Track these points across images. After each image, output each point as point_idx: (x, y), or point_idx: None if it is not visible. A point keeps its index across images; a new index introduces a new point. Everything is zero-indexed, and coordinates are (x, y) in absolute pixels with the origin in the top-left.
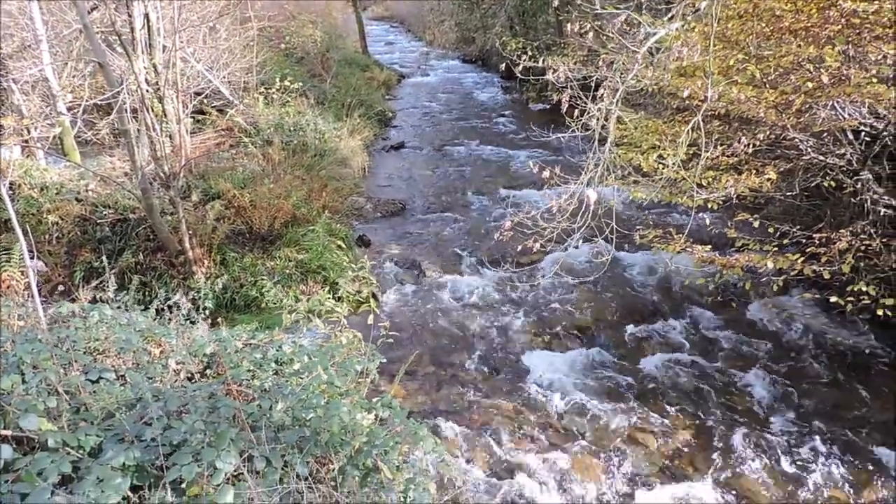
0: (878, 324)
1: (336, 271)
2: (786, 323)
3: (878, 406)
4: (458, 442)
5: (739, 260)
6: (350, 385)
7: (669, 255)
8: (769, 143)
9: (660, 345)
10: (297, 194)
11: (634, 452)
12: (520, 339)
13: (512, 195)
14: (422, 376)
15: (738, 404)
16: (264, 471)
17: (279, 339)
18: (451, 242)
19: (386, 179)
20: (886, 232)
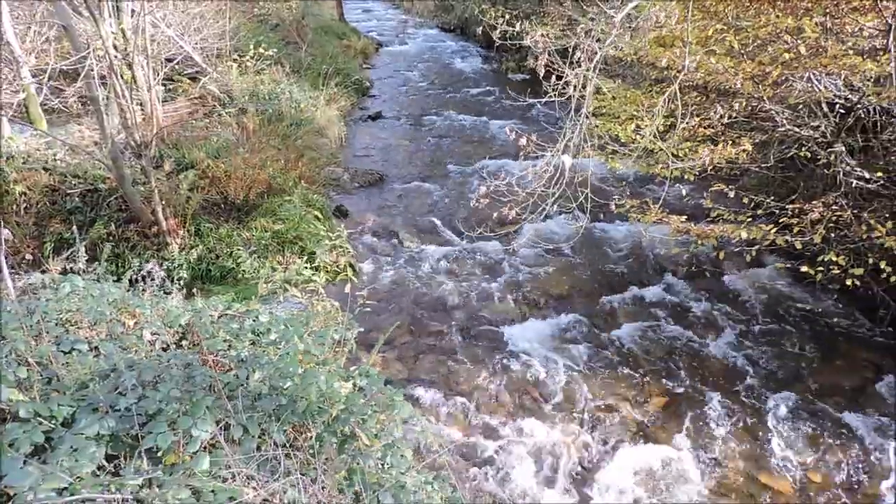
0: (847, 293)
1: (313, 242)
2: (758, 292)
3: (844, 373)
4: (435, 409)
5: (714, 230)
6: (328, 354)
7: (645, 225)
8: (745, 115)
9: (635, 313)
10: (272, 164)
11: (609, 418)
12: (497, 308)
13: (490, 165)
14: (400, 345)
15: (710, 371)
16: (241, 439)
17: (256, 309)
18: (429, 212)
19: (363, 149)
20: (857, 203)
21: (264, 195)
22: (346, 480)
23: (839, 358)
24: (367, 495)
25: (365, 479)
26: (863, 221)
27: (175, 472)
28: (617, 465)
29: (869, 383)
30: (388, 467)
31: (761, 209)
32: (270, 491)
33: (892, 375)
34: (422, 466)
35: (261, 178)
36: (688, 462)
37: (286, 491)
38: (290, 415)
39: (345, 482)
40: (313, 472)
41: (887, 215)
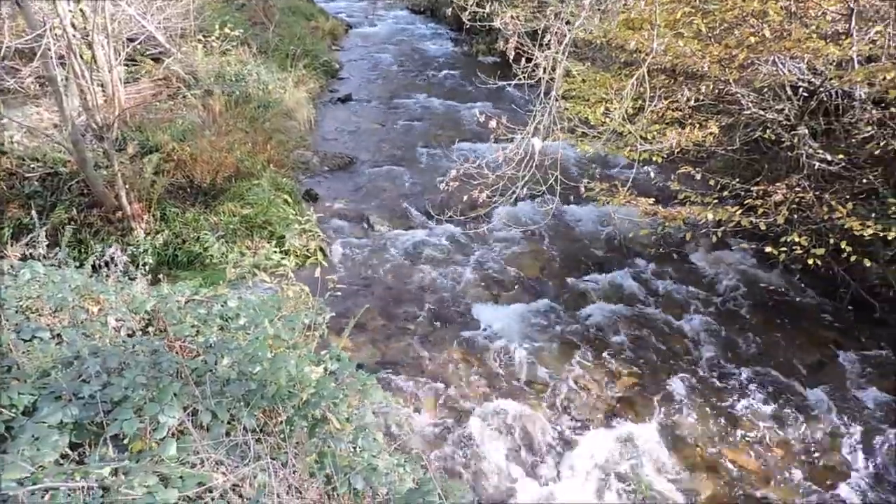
0: (809, 273)
1: (283, 226)
2: (723, 272)
3: (806, 350)
4: (407, 392)
5: (681, 212)
6: (298, 339)
7: (614, 207)
8: (712, 98)
9: (604, 294)
10: (240, 147)
11: (579, 397)
12: (468, 291)
13: (461, 148)
14: (371, 329)
15: (677, 350)
16: (210, 424)
17: (224, 294)
18: (400, 196)
19: (333, 133)
20: (819, 185)
21: (232, 179)
22: (317, 464)
23: (801, 336)
24: (338, 478)
25: (336, 462)
26: (824, 203)
27: (142, 459)
28: (587, 443)
29: (829, 360)
30: (359, 450)
31: (727, 191)
32: (240, 476)
33: (852, 352)
34: (393, 449)
35: (228, 161)
36: (655, 438)
37: (256, 476)
38: (259, 399)
39: (316, 466)
40: (284, 456)
41: (848, 197)
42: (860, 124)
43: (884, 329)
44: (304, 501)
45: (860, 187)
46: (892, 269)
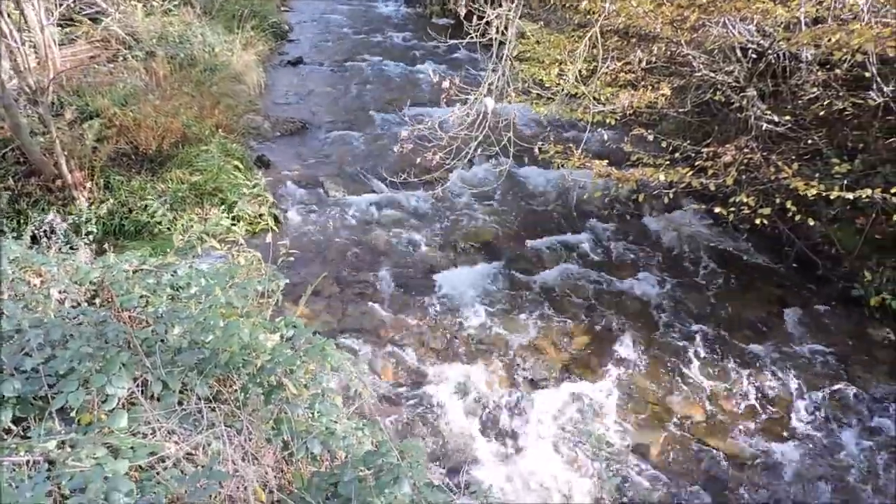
0: (756, 232)
1: (234, 193)
2: (675, 233)
3: (753, 307)
4: (366, 357)
5: (634, 174)
6: (252, 307)
7: (569, 170)
8: (664, 61)
9: (559, 256)
10: (186, 112)
11: (535, 358)
12: (426, 256)
13: (415, 111)
14: (328, 297)
15: (630, 309)
16: (161, 394)
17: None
18: (354, 161)
19: (284, 97)
20: (767, 146)
21: (179, 145)
22: (273, 430)
23: (749, 293)
24: (295, 443)
25: (293, 427)
26: (771, 163)
27: (90, 432)
28: (543, 401)
29: (775, 316)
30: (318, 415)
31: (678, 153)
32: (193, 444)
33: (797, 308)
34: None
35: (174, 126)
36: (607, 395)
37: (210, 443)
38: (212, 368)
39: (272, 432)
40: (239, 423)
41: (793, 157)
42: (806, 86)
43: (826, 286)
44: (260, 467)
45: (805, 148)
46: (834, 228)
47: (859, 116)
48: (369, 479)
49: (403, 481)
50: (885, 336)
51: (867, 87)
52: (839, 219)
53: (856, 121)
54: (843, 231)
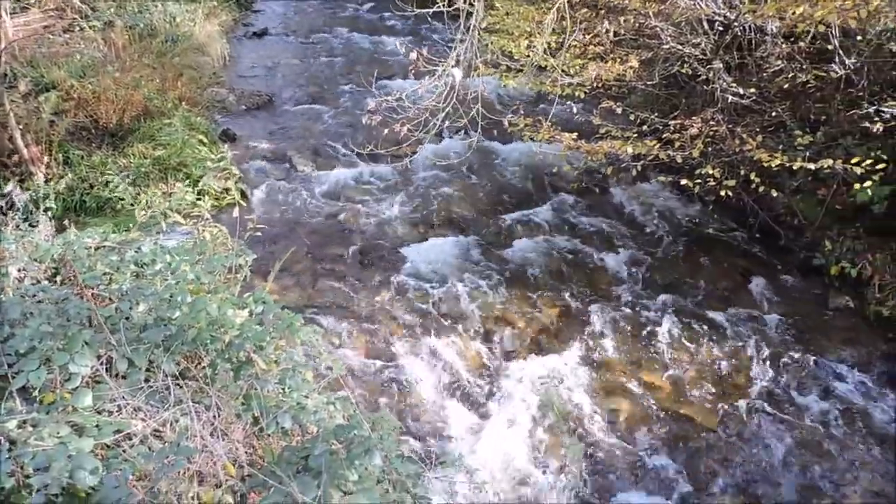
0: (721, 204)
1: (199, 168)
2: (642, 205)
3: (719, 277)
4: (337, 332)
5: (603, 146)
6: (220, 283)
7: (538, 143)
8: (632, 33)
9: (529, 230)
10: (147, 85)
11: (505, 331)
12: (395, 231)
13: (383, 84)
14: (297, 272)
15: (598, 281)
16: (127, 371)
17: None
18: (322, 135)
19: (249, 69)
20: (732, 119)
21: (141, 118)
22: (243, 406)
23: (714, 264)
24: (265, 418)
25: (263, 403)
26: (736, 136)
27: (53, 411)
28: (513, 374)
29: (739, 286)
30: (288, 391)
31: (646, 125)
32: (160, 420)
33: (760, 278)
34: (322, 388)
35: (135, 99)
36: (577, 367)
37: (177, 420)
38: (179, 345)
39: (242, 408)
40: (208, 399)
41: (758, 129)
42: (771, 58)
43: (788, 256)
44: (229, 442)
45: (769, 120)
46: (796, 199)
47: (822, 89)
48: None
49: (374, 453)
50: (845, 304)
51: (830, 60)
52: (801, 190)
53: (818, 93)
54: (806, 202)
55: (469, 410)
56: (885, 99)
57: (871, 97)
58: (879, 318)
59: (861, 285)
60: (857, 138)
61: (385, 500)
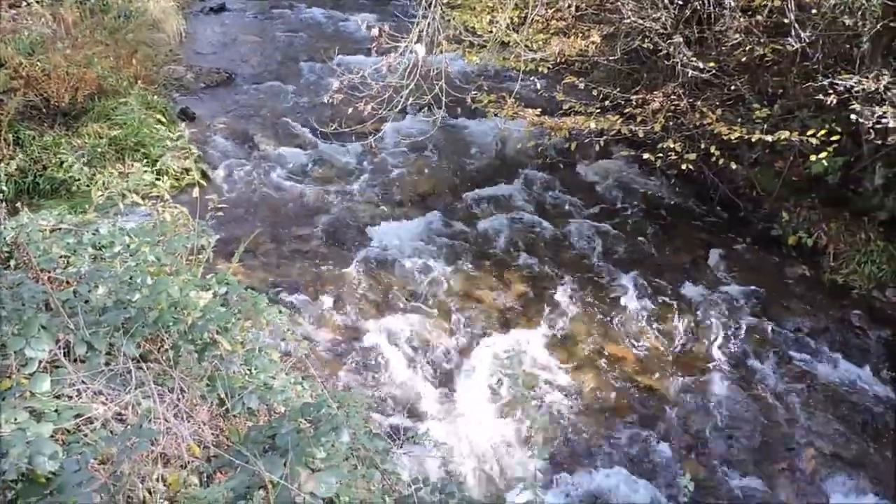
0: (683, 178)
1: (158, 148)
2: (606, 180)
3: (681, 250)
4: (304, 313)
5: (566, 122)
6: (182, 264)
7: (503, 119)
8: (594, 8)
9: (494, 207)
10: (101, 62)
11: (473, 308)
12: (361, 210)
13: (346, 61)
14: (262, 253)
15: (564, 257)
16: (86, 355)
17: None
18: (285, 113)
19: (207, 46)
20: (692, 93)
21: (95, 98)
22: (208, 387)
23: (676, 237)
24: (231, 400)
25: (228, 384)
26: (697, 109)
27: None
28: (481, 350)
29: (701, 258)
30: (255, 371)
31: (609, 101)
32: (122, 404)
33: (721, 250)
34: (290, 368)
35: (88, 77)
36: (543, 341)
37: (140, 402)
38: (140, 327)
39: (206, 389)
40: (171, 382)
41: (717, 103)
42: (729, 32)
43: (747, 227)
44: (195, 424)
45: (729, 94)
46: (755, 172)
47: (779, 62)
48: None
49: (342, 430)
50: (801, 273)
51: (786, 34)
52: (760, 162)
53: (775, 67)
54: (764, 174)
55: (437, 386)
56: (838, 72)
57: (825, 70)
58: (834, 286)
59: (817, 254)
60: (812, 111)
61: (353, 476)
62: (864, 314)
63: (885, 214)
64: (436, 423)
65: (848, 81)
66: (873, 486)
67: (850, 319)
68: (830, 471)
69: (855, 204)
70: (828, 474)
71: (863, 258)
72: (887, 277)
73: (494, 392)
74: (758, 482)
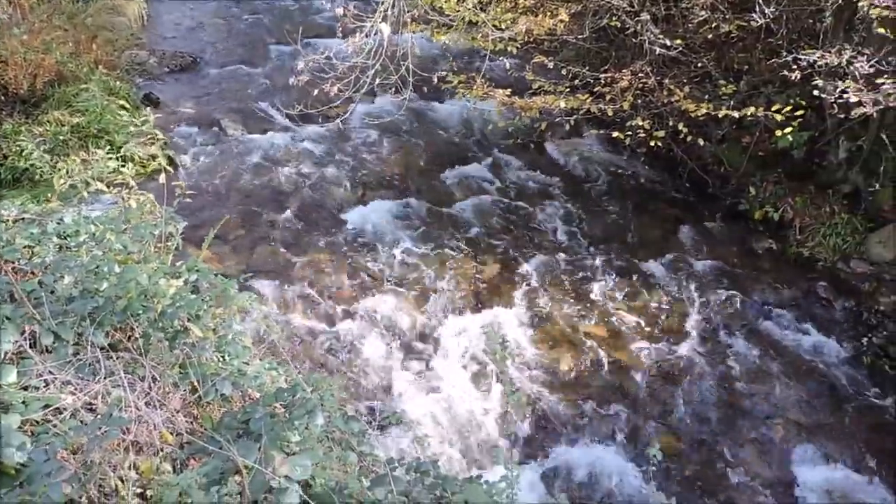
0: (652, 155)
1: (122, 134)
2: (576, 159)
3: (651, 227)
4: (277, 299)
5: (536, 102)
6: (150, 252)
7: (473, 100)
8: None
9: (466, 188)
10: (60, 48)
11: (447, 289)
12: (333, 193)
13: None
14: (233, 239)
15: (537, 236)
16: (53, 346)
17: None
18: (252, 98)
19: (171, 29)
20: (660, 70)
21: (55, 84)
22: (180, 375)
23: (646, 214)
24: (203, 386)
25: (201, 371)
26: (664, 87)
27: None
28: (455, 331)
29: (671, 234)
30: (228, 358)
31: (578, 80)
32: (92, 393)
33: (690, 225)
34: (264, 354)
35: (47, 63)
36: (518, 320)
37: (109, 392)
38: (109, 316)
39: (179, 377)
40: (142, 370)
41: (685, 80)
42: (695, 9)
43: (715, 203)
44: (167, 412)
45: (696, 71)
46: (722, 148)
47: (744, 39)
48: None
49: (317, 413)
50: (768, 246)
51: (751, 10)
52: (727, 139)
53: (741, 43)
54: (731, 150)
55: (413, 367)
56: (802, 47)
57: (789, 45)
58: (800, 259)
59: (783, 228)
60: (777, 86)
61: (328, 458)
62: (830, 285)
63: (849, 187)
64: (411, 404)
65: (811, 56)
66: (839, 453)
67: (815, 291)
68: (798, 439)
69: (820, 177)
70: (796, 443)
71: (827, 231)
72: (851, 249)
73: (469, 371)
74: (727, 451)
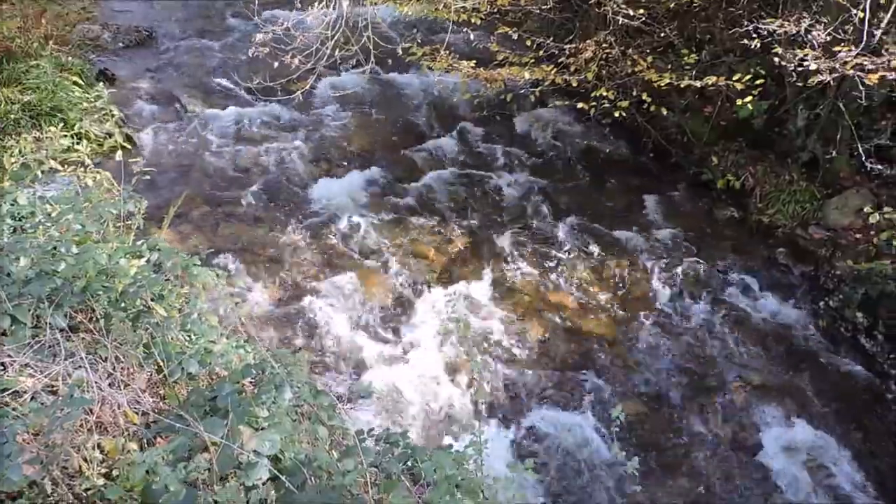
0: (616, 126)
1: (76, 112)
2: (542, 131)
3: (616, 196)
4: (242, 276)
5: (501, 73)
6: (110, 231)
7: (437, 72)
8: None
9: (432, 162)
10: (7, 23)
11: (416, 263)
12: (297, 169)
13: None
14: (196, 218)
15: (504, 208)
16: (10, 329)
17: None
18: (212, 72)
19: (123, 2)
20: (624, 41)
21: (3, 61)
22: (145, 354)
23: (611, 184)
24: (169, 365)
25: (165, 350)
26: (628, 57)
27: None
28: (425, 303)
29: (634, 204)
30: (195, 337)
31: (543, 51)
32: (52, 375)
33: (654, 195)
34: (231, 332)
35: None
36: (487, 292)
37: (70, 373)
38: (68, 297)
39: (143, 356)
40: (104, 350)
41: (648, 51)
42: None
43: (678, 172)
44: (132, 391)
45: (659, 41)
46: (685, 118)
47: (706, 8)
48: (250, 391)
49: (285, 388)
50: (730, 214)
51: None
52: (690, 108)
53: (703, 13)
54: (694, 120)
55: (382, 340)
56: (762, 16)
57: (750, 15)
58: (760, 226)
59: (745, 196)
60: (738, 55)
61: (297, 432)
62: (789, 251)
63: (807, 155)
64: (381, 376)
65: (771, 25)
66: (798, 413)
67: (775, 257)
68: (759, 401)
69: (779, 146)
70: (757, 404)
71: (787, 198)
72: (809, 215)
73: (437, 342)
74: (690, 414)
